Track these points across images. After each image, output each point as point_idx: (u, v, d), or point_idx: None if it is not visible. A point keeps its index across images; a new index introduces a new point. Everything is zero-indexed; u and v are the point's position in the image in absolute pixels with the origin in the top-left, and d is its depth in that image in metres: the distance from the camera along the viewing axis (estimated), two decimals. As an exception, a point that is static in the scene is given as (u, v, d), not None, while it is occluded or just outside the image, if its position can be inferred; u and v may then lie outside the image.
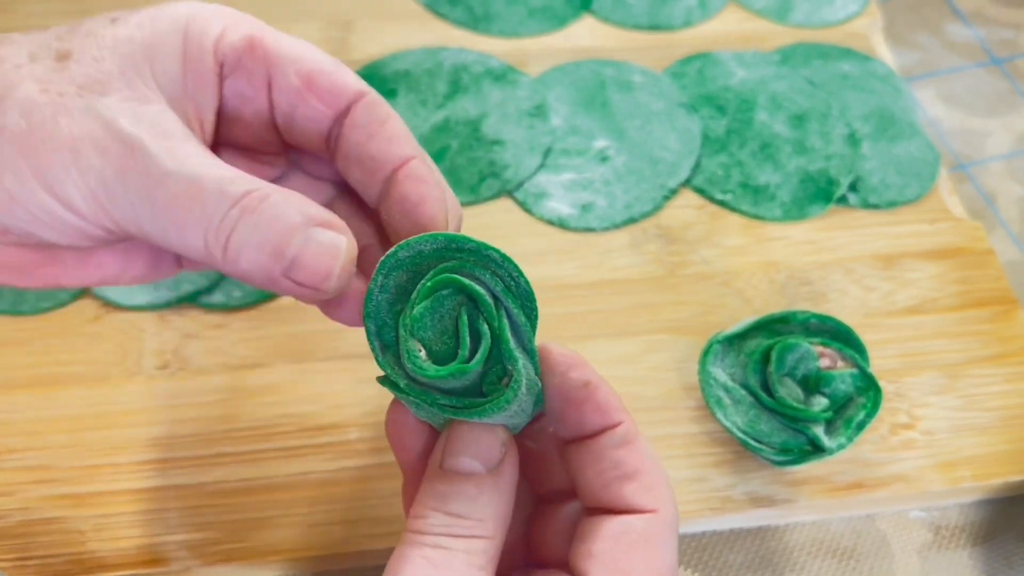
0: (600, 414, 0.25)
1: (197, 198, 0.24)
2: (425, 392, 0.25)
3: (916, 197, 0.46)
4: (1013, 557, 0.37)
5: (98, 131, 0.24)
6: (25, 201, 0.24)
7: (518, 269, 0.26)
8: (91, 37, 0.25)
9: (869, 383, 0.37)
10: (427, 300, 0.25)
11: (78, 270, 0.27)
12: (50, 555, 0.34)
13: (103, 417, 0.37)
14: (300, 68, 0.27)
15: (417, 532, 0.24)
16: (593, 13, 0.53)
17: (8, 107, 0.24)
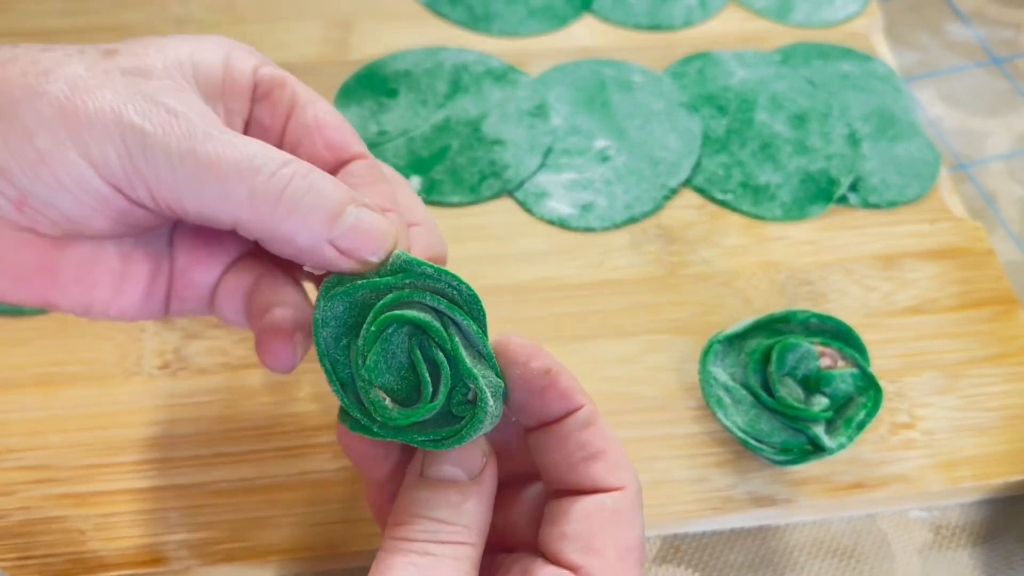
0: (563, 399, 0.26)
1: (244, 156, 0.24)
2: (402, 434, 0.25)
3: (916, 197, 0.46)
4: (1013, 557, 0.37)
5: (141, 100, 0.25)
6: (55, 163, 0.25)
7: (456, 278, 0.25)
8: (138, 42, 0.27)
9: (869, 383, 0.37)
10: (376, 344, 0.25)
11: (72, 285, 0.27)
12: (51, 555, 0.34)
13: (104, 417, 0.37)
14: (318, 114, 0.29)
15: (402, 539, 0.25)
16: (593, 13, 0.53)
17: (54, 78, 0.25)
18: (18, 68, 0.25)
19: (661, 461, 0.37)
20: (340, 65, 0.49)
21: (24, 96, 0.25)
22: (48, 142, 0.24)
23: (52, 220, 0.26)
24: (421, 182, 0.45)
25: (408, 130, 0.47)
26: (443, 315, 0.25)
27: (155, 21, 0.50)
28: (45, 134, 0.24)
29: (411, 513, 0.25)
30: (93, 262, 0.28)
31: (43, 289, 0.27)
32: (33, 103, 0.24)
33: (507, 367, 0.26)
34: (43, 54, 0.26)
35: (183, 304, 0.29)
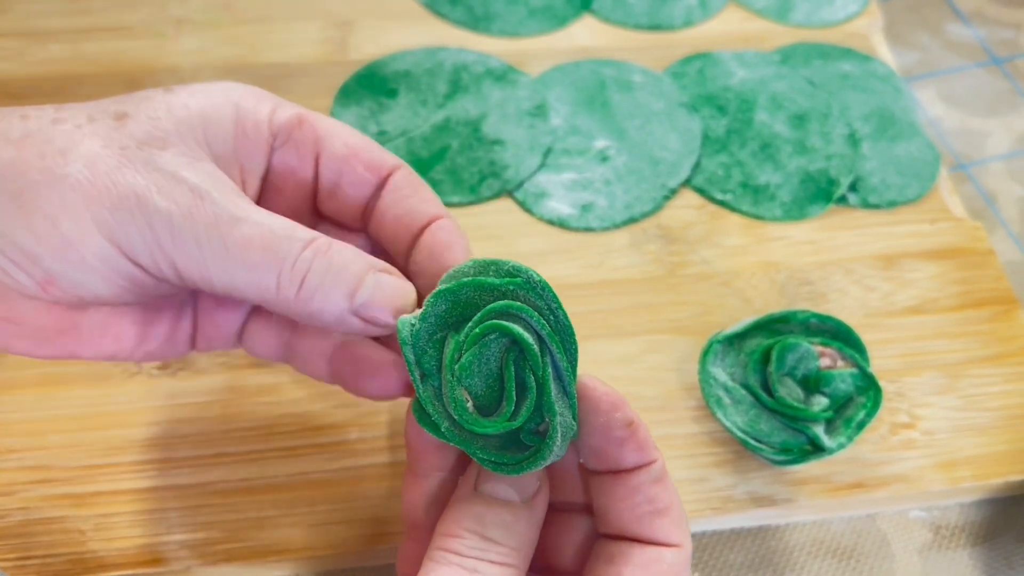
0: (640, 453, 0.26)
1: (270, 241, 0.25)
2: (465, 442, 0.25)
3: (916, 197, 0.46)
4: (1013, 557, 0.37)
5: (163, 180, 0.25)
6: (82, 246, 0.25)
7: (556, 299, 0.25)
8: (146, 101, 0.27)
9: (869, 383, 0.37)
10: (475, 347, 0.25)
11: (96, 340, 0.28)
12: (50, 555, 0.34)
13: (104, 417, 0.37)
14: (346, 141, 0.29)
15: (452, 552, 0.25)
16: (593, 13, 0.53)
17: (72, 159, 0.25)
18: (35, 149, 0.25)
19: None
20: (340, 65, 0.49)
21: (45, 180, 0.25)
22: (73, 227, 0.25)
23: (78, 296, 0.26)
24: (421, 182, 0.45)
25: (408, 130, 0.47)
26: (542, 340, 0.25)
27: (154, 21, 0.50)
28: (70, 219, 0.25)
29: (463, 527, 0.25)
30: (115, 317, 0.28)
31: (65, 346, 0.28)
32: (55, 187, 0.25)
33: (589, 412, 0.26)
34: (55, 128, 0.25)
35: (210, 343, 0.30)
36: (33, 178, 0.25)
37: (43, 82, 0.47)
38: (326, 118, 0.30)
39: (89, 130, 0.26)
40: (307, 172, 0.29)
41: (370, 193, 0.30)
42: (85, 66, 0.48)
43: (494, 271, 0.26)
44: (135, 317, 0.28)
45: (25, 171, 0.25)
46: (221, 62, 0.49)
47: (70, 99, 0.46)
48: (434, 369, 0.26)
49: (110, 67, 0.48)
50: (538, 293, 0.25)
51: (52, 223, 0.25)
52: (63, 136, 0.25)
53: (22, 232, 0.25)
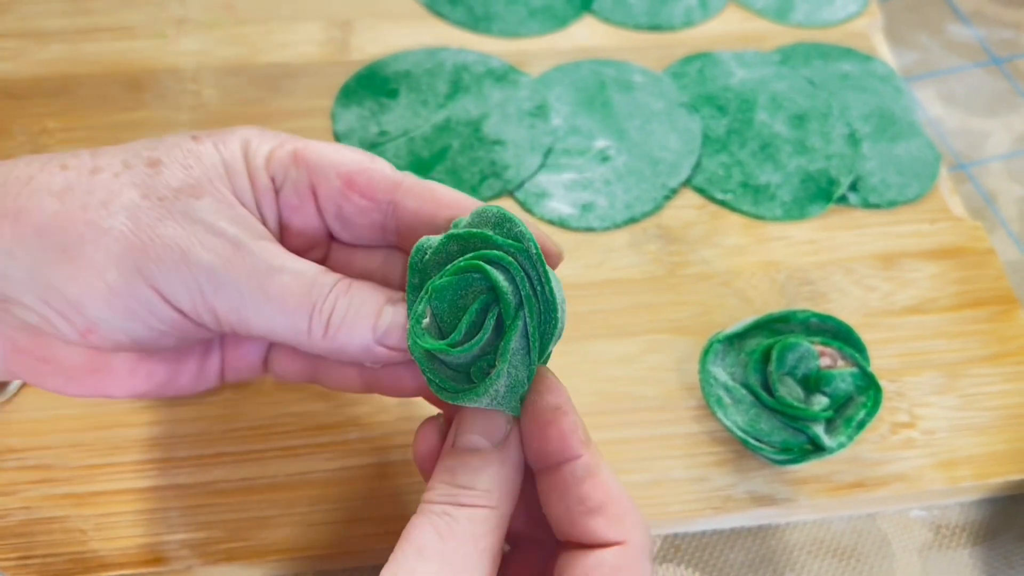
0: (561, 441, 0.26)
1: (302, 287, 0.27)
2: (425, 360, 0.27)
3: (916, 197, 0.46)
4: (1013, 556, 0.37)
5: (203, 231, 0.26)
6: (127, 296, 0.26)
7: (548, 277, 0.27)
8: (176, 148, 0.28)
9: (869, 382, 0.37)
10: (454, 276, 0.26)
11: (127, 380, 0.29)
12: (52, 554, 0.34)
13: (105, 417, 0.37)
14: (340, 170, 0.29)
15: (427, 502, 0.26)
16: (593, 13, 0.53)
17: (114, 211, 0.26)
18: (77, 202, 0.26)
19: (661, 461, 0.37)
20: (340, 66, 0.49)
21: (90, 233, 0.26)
22: (118, 277, 0.26)
23: (116, 342, 0.27)
24: (421, 182, 0.45)
25: (409, 130, 0.47)
26: (520, 300, 0.26)
27: (155, 22, 0.50)
28: (115, 270, 0.26)
29: (437, 480, 0.27)
30: (146, 357, 0.29)
31: (97, 385, 0.29)
32: (100, 240, 0.26)
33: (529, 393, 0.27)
34: (94, 179, 0.26)
35: (238, 373, 0.32)
36: (78, 231, 0.26)
37: (44, 82, 0.47)
38: (318, 145, 0.29)
39: (127, 179, 0.27)
40: (309, 209, 0.30)
41: (378, 218, 0.30)
42: (86, 66, 0.48)
43: (507, 229, 0.27)
44: (166, 356, 0.30)
45: (70, 224, 0.26)
46: (222, 62, 0.49)
47: (71, 99, 0.47)
48: None
49: (111, 67, 0.48)
50: (532, 263, 0.26)
51: (98, 274, 0.26)
52: (103, 187, 0.26)
53: (68, 283, 0.26)
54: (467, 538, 0.25)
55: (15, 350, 0.27)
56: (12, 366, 0.28)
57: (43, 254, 0.26)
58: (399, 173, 0.30)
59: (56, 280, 0.26)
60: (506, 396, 0.26)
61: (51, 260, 0.26)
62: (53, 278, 0.26)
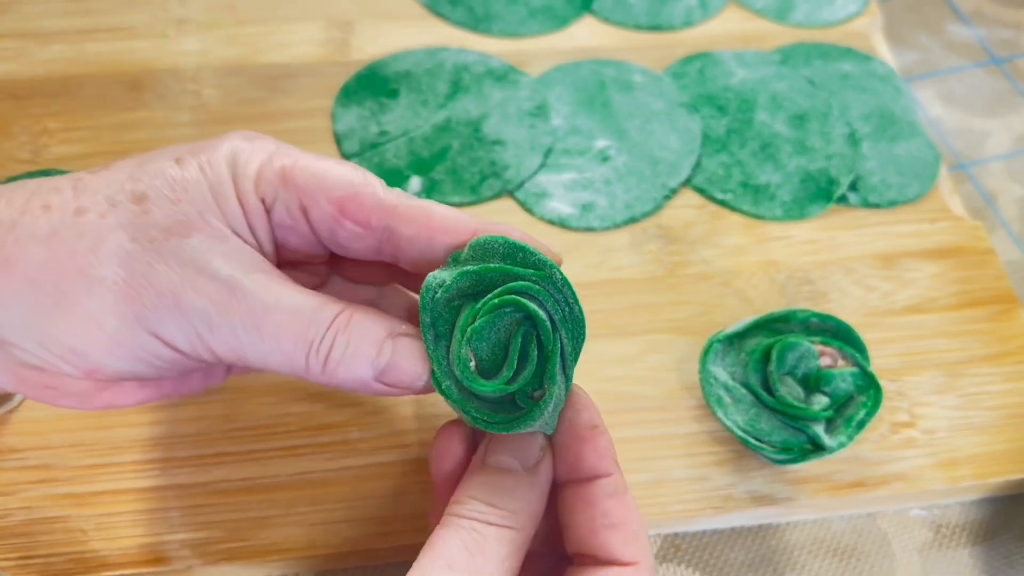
0: (596, 458, 0.27)
1: (299, 325, 0.26)
2: (463, 400, 0.27)
3: (916, 197, 0.46)
4: (1013, 556, 0.37)
5: (194, 276, 0.26)
6: (128, 344, 0.26)
7: (574, 295, 0.28)
8: (160, 177, 0.27)
9: (869, 382, 0.37)
10: (489, 315, 0.27)
11: (135, 392, 0.29)
12: (52, 554, 0.34)
13: (105, 416, 0.37)
14: (330, 196, 0.28)
15: (456, 515, 0.26)
16: (594, 13, 0.53)
17: (104, 259, 0.26)
18: (65, 248, 0.25)
19: (661, 460, 0.37)
20: (341, 66, 0.49)
21: (82, 283, 0.25)
22: (118, 326, 0.26)
23: (120, 378, 0.27)
24: (422, 182, 0.45)
25: (409, 130, 0.47)
26: (554, 322, 0.27)
27: (156, 22, 0.50)
28: (113, 319, 0.26)
29: (467, 494, 0.27)
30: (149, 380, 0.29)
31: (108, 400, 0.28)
32: (94, 291, 0.25)
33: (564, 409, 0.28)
34: (80, 221, 0.26)
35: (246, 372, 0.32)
36: (70, 282, 0.25)
37: (45, 82, 0.47)
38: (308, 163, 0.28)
39: (114, 220, 0.26)
40: (303, 228, 0.29)
41: (373, 243, 0.29)
42: (86, 67, 0.48)
43: (521, 259, 0.27)
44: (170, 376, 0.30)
45: (60, 274, 0.25)
46: (222, 63, 0.49)
47: (72, 99, 0.47)
48: (446, 332, 0.28)
49: (111, 67, 0.48)
50: (558, 288, 0.27)
51: (96, 324, 0.26)
52: (90, 231, 0.26)
53: (67, 334, 0.26)
54: (494, 557, 0.26)
55: (21, 381, 0.27)
56: (20, 391, 0.28)
57: (37, 305, 0.25)
58: (392, 194, 0.28)
59: (54, 330, 0.26)
60: (552, 415, 0.27)
61: (46, 311, 0.25)
62: (51, 328, 0.26)
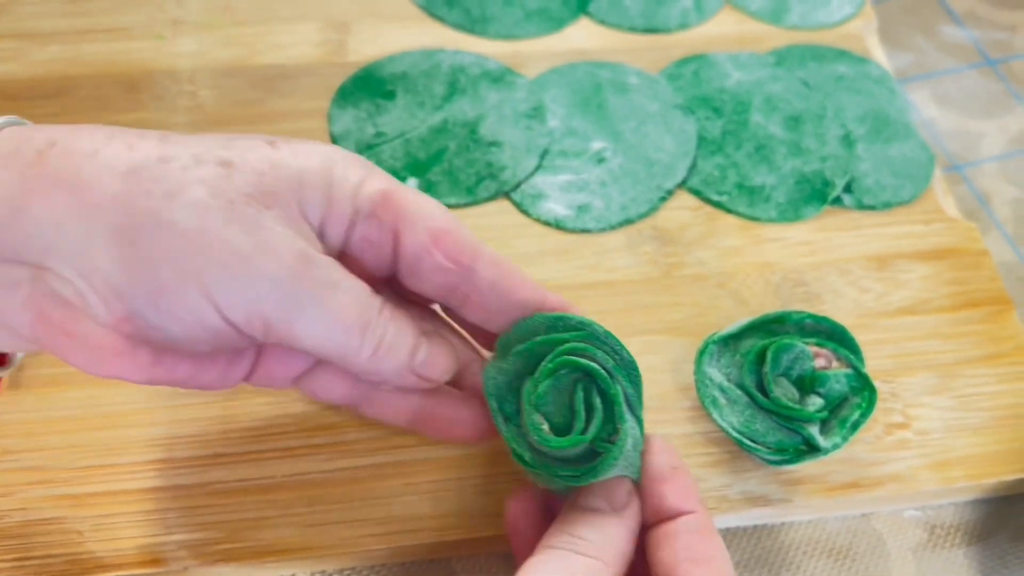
0: (680, 496, 0.29)
1: (360, 306, 0.27)
2: (546, 464, 0.30)
3: (911, 198, 0.46)
4: (1008, 556, 0.38)
5: (269, 241, 0.26)
6: (175, 296, 0.25)
7: (620, 343, 0.30)
8: (251, 152, 0.27)
9: (864, 383, 0.37)
10: (549, 379, 0.30)
11: (149, 368, 0.28)
12: (49, 555, 0.34)
13: (102, 418, 0.37)
14: (429, 225, 0.29)
15: (548, 546, 0.28)
16: (589, 15, 0.53)
17: (179, 206, 0.25)
18: (141, 187, 0.25)
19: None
20: (337, 67, 0.50)
21: (150, 223, 0.25)
22: (172, 276, 0.25)
23: (148, 337, 0.26)
24: (418, 184, 0.45)
25: (405, 132, 0.47)
26: (609, 370, 0.30)
27: (153, 23, 0.50)
28: (169, 267, 0.25)
29: (560, 530, 0.29)
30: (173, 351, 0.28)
31: (119, 368, 0.27)
32: (159, 233, 0.25)
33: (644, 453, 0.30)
34: (162, 167, 0.25)
35: (269, 382, 0.31)
36: (138, 219, 0.25)
37: (42, 83, 0.47)
38: (413, 195, 0.29)
39: (196, 175, 0.25)
40: (386, 249, 0.29)
41: (452, 280, 0.29)
42: (83, 67, 0.48)
43: (562, 326, 0.30)
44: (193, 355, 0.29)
45: (130, 209, 0.25)
46: (219, 64, 0.49)
47: (69, 100, 0.47)
48: (514, 413, 0.31)
49: (108, 68, 0.48)
50: (602, 341, 0.30)
51: (150, 268, 0.25)
52: (170, 178, 0.25)
53: (116, 269, 0.25)
54: None
55: (42, 319, 0.26)
56: (36, 334, 0.27)
57: (96, 233, 0.25)
58: (482, 244, 0.30)
59: (104, 263, 0.25)
60: (632, 454, 0.30)
61: (103, 242, 0.25)
62: (100, 260, 0.25)
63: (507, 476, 0.36)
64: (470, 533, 0.35)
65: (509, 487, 0.36)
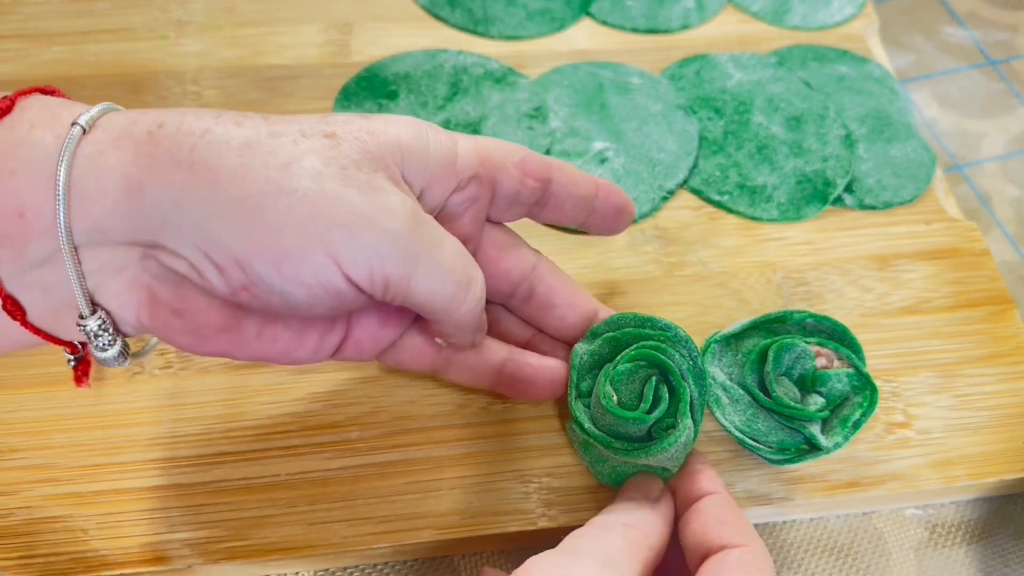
0: (709, 481, 0.33)
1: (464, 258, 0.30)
2: (603, 437, 0.33)
3: (912, 198, 0.46)
4: (1009, 555, 0.38)
5: (384, 200, 0.27)
6: (300, 260, 0.26)
7: (697, 351, 0.35)
8: (349, 124, 0.28)
9: (865, 382, 0.37)
10: (628, 363, 0.34)
11: (252, 343, 0.29)
12: (53, 554, 0.34)
13: (106, 416, 0.37)
14: (514, 160, 0.33)
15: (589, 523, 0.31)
16: (591, 16, 0.53)
17: (297, 173, 0.26)
18: (258, 160, 0.26)
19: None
20: (340, 67, 0.50)
21: (271, 191, 0.25)
22: (297, 240, 0.25)
23: (267, 305, 0.27)
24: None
25: (407, 132, 0.47)
26: (683, 373, 0.34)
27: (156, 24, 0.51)
28: (294, 233, 0.25)
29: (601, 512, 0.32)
30: (275, 324, 0.29)
31: (223, 345, 0.29)
32: (281, 200, 0.25)
33: None
34: (274, 141, 0.26)
35: (355, 353, 0.33)
36: (258, 187, 0.25)
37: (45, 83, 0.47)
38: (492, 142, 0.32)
39: (307, 146, 0.26)
40: (485, 203, 0.33)
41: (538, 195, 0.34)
42: (87, 68, 0.48)
43: (650, 325, 0.35)
44: (292, 326, 0.30)
45: (249, 180, 0.25)
46: (223, 64, 0.49)
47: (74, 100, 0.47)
48: (587, 392, 0.35)
49: (112, 69, 0.49)
50: (683, 344, 0.35)
51: (274, 234, 0.25)
52: (284, 150, 0.26)
53: (239, 239, 0.25)
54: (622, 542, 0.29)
55: (152, 300, 0.27)
56: (144, 318, 0.27)
57: (215, 207, 0.25)
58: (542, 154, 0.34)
59: (225, 235, 0.25)
60: (680, 451, 0.33)
61: (223, 214, 0.25)
62: (221, 232, 0.25)
63: (510, 475, 0.36)
64: (473, 531, 0.35)
65: (512, 485, 0.36)
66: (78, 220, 0.25)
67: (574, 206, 0.35)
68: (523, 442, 0.37)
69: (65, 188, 0.25)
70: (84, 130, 0.25)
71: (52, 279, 0.26)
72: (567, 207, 0.35)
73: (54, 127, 0.25)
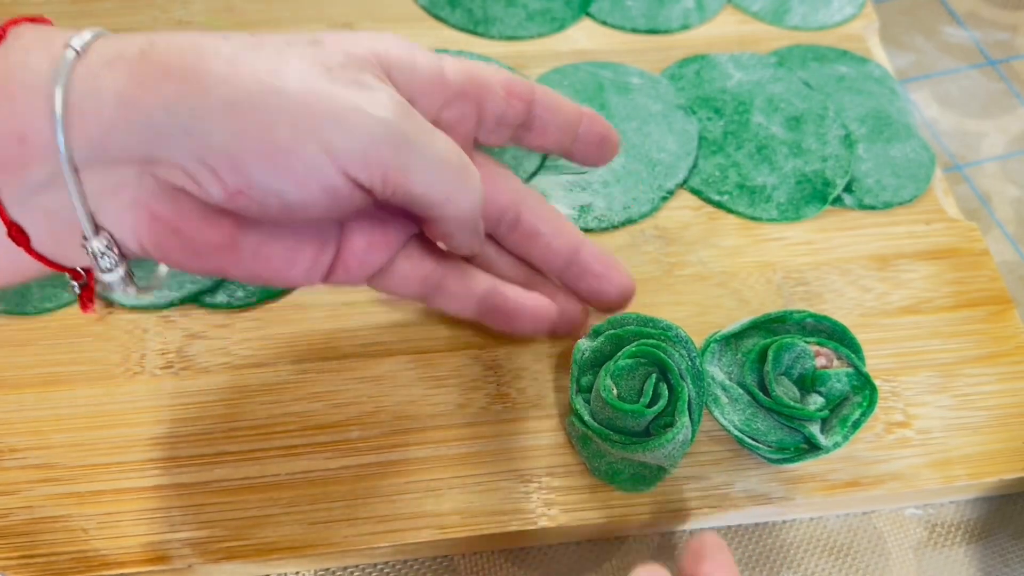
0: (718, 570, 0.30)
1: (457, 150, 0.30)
2: (601, 430, 0.34)
3: (911, 198, 0.46)
4: (1008, 555, 0.38)
5: (373, 94, 0.27)
6: (293, 154, 0.26)
7: (696, 350, 0.35)
8: (335, 34, 0.29)
9: (865, 382, 0.37)
10: (629, 359, 0.35)
11: (247, 261, 0.30)
12: (54, 553, 0.34)
13: (106, 416, 0.37)
14: (500, 82, 0.33)
15: None
16: (591, 16, 0.53)
17: (285, 74, 0.26)
18: (247, 66, 0.26)
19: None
20: (340, 68, 0.50)
21: (260, 90, 0.26)
22: (289, 134, 0.26)
23: (265, 207, 0.28)
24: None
25: (408, 132, 0.47)
26: (682, 372, 0.34)
27: (157, 24, 0.51)
28: (286, 127, 0.26)
29: None
30: (270, 240, 0.30)
31: (220, 263, 0.29)
32: (272, 97, 0.26)
33: None
34: (260, 51, 0.27)
35: (347, 274, 0.33)
36: (248, 88, 0.26)
37: (45, 84, 0.47)
38: (479, 65, 0.33)
39: (293, 51, 0.27)
40: (472, 119, 0.33)
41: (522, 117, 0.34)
42: (87, 69, 0.48)
43: (652, 325, 0.36)
44: (286, 243, 0.30)
45: (240, 83, 0.26)
46: (222, 65, 0.49)
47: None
48: (587, 387, 0.36)
49: (112, 70, 0.49)
50: (683, 343, 0.35)
51: (266, 131, 0.26)
52: (270, 57, 0.27)
53: (231, 139, 0.26)
54: None
55: (152, 219, 0.27)
56: (143, 238, 0.28)
57: (208, 111, 0.26)
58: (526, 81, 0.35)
59: (217, 137, 0.26)
60: (678, 449, 0.33)
61: (216, 117, 0.26)
62: (214, 134, 0.26)
63: (510, 474, 0.36)
64: (473, 531, 0.35)
65: (512, 485, 0.36)
66: (77, 140, 0.26)
67: (558, 129, 0.35)
68: (523, 442, 0.37)
69: (63, 110, 0.25)
70: (77, 53, 0.26)
71: (54, 203, 0.27)
72: (551, 130, 0.35)
73: (49, 52, 0.26)
